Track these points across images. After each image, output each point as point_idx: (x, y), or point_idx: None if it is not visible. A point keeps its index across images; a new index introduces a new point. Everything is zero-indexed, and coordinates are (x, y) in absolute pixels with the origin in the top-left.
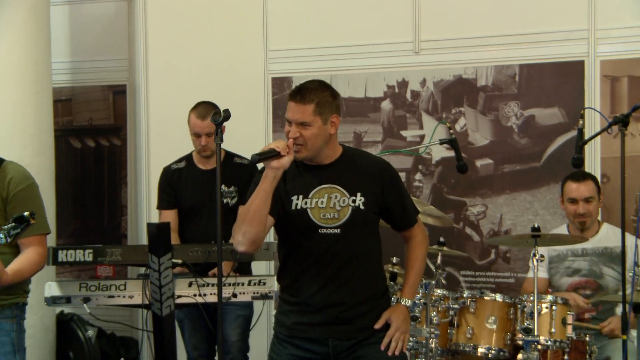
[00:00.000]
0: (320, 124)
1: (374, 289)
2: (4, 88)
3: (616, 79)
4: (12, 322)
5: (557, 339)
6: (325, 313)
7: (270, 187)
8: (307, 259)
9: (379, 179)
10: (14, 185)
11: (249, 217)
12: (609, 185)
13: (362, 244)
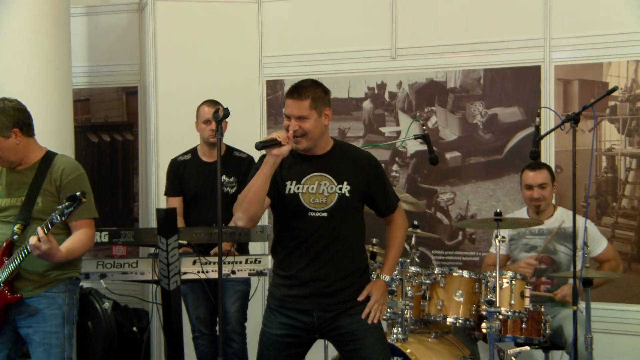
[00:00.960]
0: (316, 117)
1: (355, 267)
2: (30, 89)
3: (568, 82)
4: (64, 296)
5: (516, 310)
6: (310, 286)
7: (269, 171)
8: (297, 237)
9: (365, 171)
10: (65, 175)
11: (249, 197)
12: (562, 174)
13: (346, 227)
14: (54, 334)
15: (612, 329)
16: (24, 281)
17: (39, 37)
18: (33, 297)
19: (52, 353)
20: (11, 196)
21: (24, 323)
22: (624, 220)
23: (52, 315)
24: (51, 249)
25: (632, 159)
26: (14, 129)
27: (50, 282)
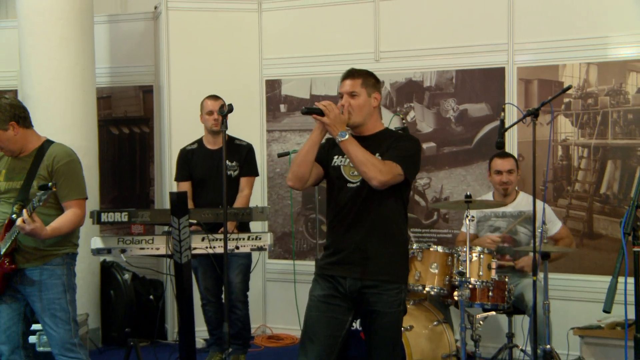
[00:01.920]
0: (365, 96)
1: (388, 240)
2: (59, 88)
3: (529, 82)
4: (62, 268)
5: (484, 280)
6: (344, 254)
7: (316, 137)
8: (336, 208)
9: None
10: (56, 162)
11: (298, 160)
12: (523, 162)
13: (378, 198)
14: (57, 300)
15: (567, 296)
16: (24, 254)
17: (67, 43)
18: (35, 268)
19: (58, 316)
20: (12, 180)
21: (29, 292)
22: (577, 202)
23: (53, 284)
24: (35, 229)
25: (583, 148)
26: (10, 122)
27: (48, 256)
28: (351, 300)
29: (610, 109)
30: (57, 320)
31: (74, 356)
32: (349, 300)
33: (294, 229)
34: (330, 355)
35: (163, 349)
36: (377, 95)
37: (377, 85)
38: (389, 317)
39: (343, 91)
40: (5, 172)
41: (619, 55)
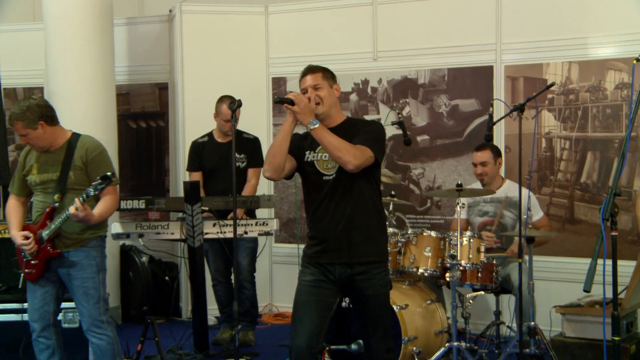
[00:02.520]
0: (328, 87)
1: (369, 223)
2: (81, 86)
3: (515, 79)
4: (97, 250)
5: (474, 262)
6: (329, 242)
7: (288, 127)
8: (316, 201)
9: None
10: (90, 152)
11: (272, 150)
12: (510, 153)
13: (355, 187)
14: (91, 279)
15: (550, 277)
16: (63, 239)
17: (89, 44)
18: (72, 251)
19: (90, 294)
20: (47, 172)
21: (66, 272)
22: (559, 190)
23: (89, 265)
24: (87, 215)
25: (565, 140)
26: (39, 121)
27: (85, 240)
28: (340, 286)
29: (590, 105)
30: (88, 298)
31: (102, 332)
32: (338, 285)
33: (298, 215)
34: (320, 335)
35: (178, 325)
36: (337, 86)
37: (335, 78)
38: (379, 299)
39: (306, 86)
40: (37, 165)
41: (599, 54)
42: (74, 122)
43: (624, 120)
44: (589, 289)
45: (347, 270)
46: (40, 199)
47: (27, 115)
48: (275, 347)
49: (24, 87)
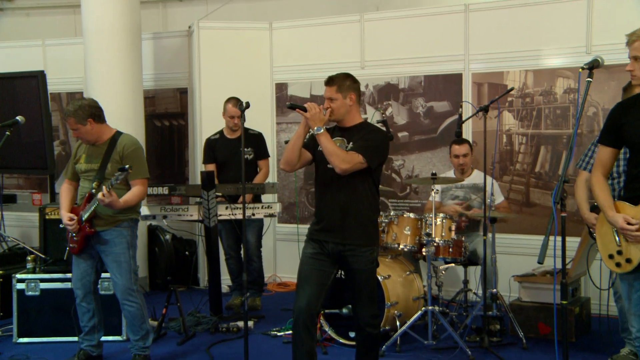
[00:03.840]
0: (341, 99)
1: (362, 212)
2: (114, 90)
3: (481, 84)
4: (128, 230)
5: (446, 239)
6: (326, 223)
7: (301, 130)
8: (321, 185)
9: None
10: (126, 149)
11: (287, 148)
12: (476, 147)
13: (353, 181)
14: (122, 254)
15: (509, 251)
16: (100, 220)
17: (120, 55)
18: (107, 230)
19: (122, 267)
20: (91, 162)
21: (102, 248)
22: (518, 178)
23: (120, 242)
24: (112, 201)
25: (522, 136)
26: (88, 119)
27: (118, 221)
28: (334, 259)
29: (543, 106)
30: (121, 270)
31: (133, 299)
32: (333, 258)
33: (297, 200)
34: (319, 298)
35: (196, 293)
36: (353, 95)
37: (353, 85)
38: (365, 273)
39: (325, 96)
40: (84, 156)
41: (550, 64)
42: (108, 121)
43: (571, 119)
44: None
45: (338, 247)
46: (84, 185)
47: (78, 113)
48: (278, 311)
49: (67, 92)
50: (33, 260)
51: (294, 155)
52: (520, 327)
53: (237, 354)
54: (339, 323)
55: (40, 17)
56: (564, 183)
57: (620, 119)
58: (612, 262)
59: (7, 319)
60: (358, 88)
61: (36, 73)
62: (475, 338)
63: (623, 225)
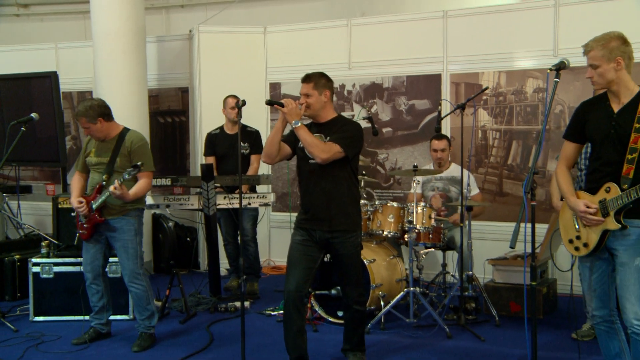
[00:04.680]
0: (317, 95)
1: (345, 200)
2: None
3: (458, 84)
4: (134, 219)
5: (426, 226)
6: (312, 213)
7: (279, 124)
8: (304, 178)
9: (341, 128)
10: (134, 144)
11: (267, 141)
12: (454, 142)
13: (333, 171)
14: (130, 240)
15: (484, 237)
16: (109, 209)
17: (127, 56)
18: (116, 218)
19: (130, 253)
20: (101, 157)
21: (111, 235)
22: (491, 170)
23: (128, 229)
24: (123, 194)
25: (496, 132)
26: (98, 117)
27: (126, 211)
28: (322, 245)
29: (515, 104)
30: (129, 256)
31: (139, 282)
32: (320, 245)
33: (290, 190)
34: (307, 281)
35: (197, 275)
36: (327, 92)
37: (327, 84)
38: (351, 258)
39: (301, 92)
40: (94, 150)
41: (521, 66)
42: (116, 118)
43: (540, 116)
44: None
45: (325, 235)
46: (94, 177)
47: (89, 113)
48: (272, 292)
49: (77, 91)
50: (47, 245)
51: (273, 149)
52: (493, 306)
53: (235, 332)
54: (328, 303)
55: (53, 22)
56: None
57: (584, 117)
58: (571, 246)
59: (24, 300)
60: (332, 87)
61: (49, 74)
62: (452, 316)
63: (583, 209)
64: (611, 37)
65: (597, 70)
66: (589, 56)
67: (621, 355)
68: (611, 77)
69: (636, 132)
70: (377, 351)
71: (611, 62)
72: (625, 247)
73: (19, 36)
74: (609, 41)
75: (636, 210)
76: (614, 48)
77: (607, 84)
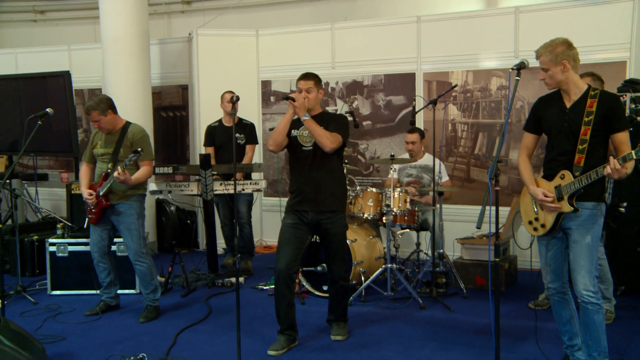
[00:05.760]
0: (316, 92)
1: (334, 184)
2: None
3: (430, 82)
4: (137, 203)
5: (402, 209)
6: (305, 195)
7: (290, 115)
8: (297, 164)
9: (329, 120)
10: (135, 136)
11: (275, 131)
12: (427, 133)
13: (325, 157)
14: (133, 223)
15: (454, 219)
16: (114, 195)
17: (132, 57)
18: (120, 203)
19: (133, 234)
20: (106, 147)
21: (115, 218)
22: (460, 159)
23: (131, 213)
24: (126, 179)
25: (464, 125)
26: (109, 110)
27: (129, 196)
28: (311, 227)
29: (481, 100)
30: (132, 236)
31: (142, 260)
32: (309, 226)
33: (280, 177)
34: (296, 260)
35: (196, 254)
36: (322, 90)
37: (320, 83)
38: (339, 237)
39: (301, 87)
40: (100, 142)
41: (486, 65)
42: (122, 113)
43: (502, 111)
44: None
45: (316, 216)
46: (100, 166)
47: (101, 106)
48: (264, 269)
49: (88, 89)
50: (62, 227)
51: (283, 137)
52: (461, 280)
53: (231, 304)
54: (315, 279)
55: (66, 26)
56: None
57: (540, 111)
58: (531, 227)
59: (42, 276)
60: (322, 86)
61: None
62: (425, 289)
63: (542, 197)
64: (557, 43)
65: (547, 72)
66: (540, 61)
67: (571, 321)
68: (560, 78)
69: (585, 125)
70: (358, 321)
71: (558, 65)
72: (577, 226)
73: (36, 40)
74: (555, 47)
75: (586, 195)
76: (559, 53)
77: (557, 84)
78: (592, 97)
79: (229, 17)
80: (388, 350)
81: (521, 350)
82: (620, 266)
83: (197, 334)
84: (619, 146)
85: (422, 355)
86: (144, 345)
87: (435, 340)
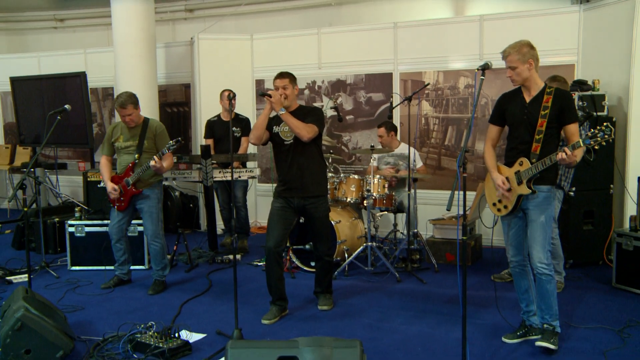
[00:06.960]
0: (291, 88)
1: (315, 172)
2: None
3: (406, 81)
4: (158, 189)
5: (381, 194)
6: (290, 183)
7: (267, 111)
8: (280, 157)
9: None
10: (157, 129)
11: (255, 126)
12: (403, 127)
13: (305, 148)
14: (154, 207)
15: (426, 202)
16: (140, 183)
17: (141, 59)
18: (145, 189)
19: (153, 217)
20: (129, 140)
21: (139, 203)
22: (432, 149)
23: (153, 198)
24: (161, 167)
25: (436, 119)
26: (138, 104)
27: (152, 182)
28: (297, 210)
29: (450, 97)
30: (152, 219)
31: (158, 240)
32: (296, 210)
33: (272, 165)
34: (284, 239)
35: (199, 234)
36: (297, 87)
37: (295, 81)
38: (322, 219)
39: (278, 85)
40: (122, 136)
41: (455, 66)
42: None
43: (469, 107)
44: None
45: (301, 201)
46: (125, 158)
47: (133, 99)
48: (259, 247)
49: (102, 87)
50: (80, 210)
51: (262, 131)
52: (433, 256)
53: (229, 279)
54: (303, 256)
55: (83, 32)
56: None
57: (503, 106)
58: (495, 208)
59: (62, 253)
60: (297, 84)
61: (80, 73)
62: (401, 265)
63: (499, 183)
64: (522, 44)
65: (515, 70)
66: (507, 60)
67: (529, 290)
68: (526, 75)
69: (542, 118)
70: (342, 293)
71: (525, 64)
72: (533, 207)
73: (56, 44)
74: (522, 47)
75: (542, 179)
76: (525, 52)
77: (523, 81)
78: (548, 93)
79: (227, 23)
80: (369, 319)
81: (485, 317)
82: (569, 243)
83: (199, 304)
84: (570, 137)
85: (398, 322)
86: (153, 314)
87: (410, 310)
